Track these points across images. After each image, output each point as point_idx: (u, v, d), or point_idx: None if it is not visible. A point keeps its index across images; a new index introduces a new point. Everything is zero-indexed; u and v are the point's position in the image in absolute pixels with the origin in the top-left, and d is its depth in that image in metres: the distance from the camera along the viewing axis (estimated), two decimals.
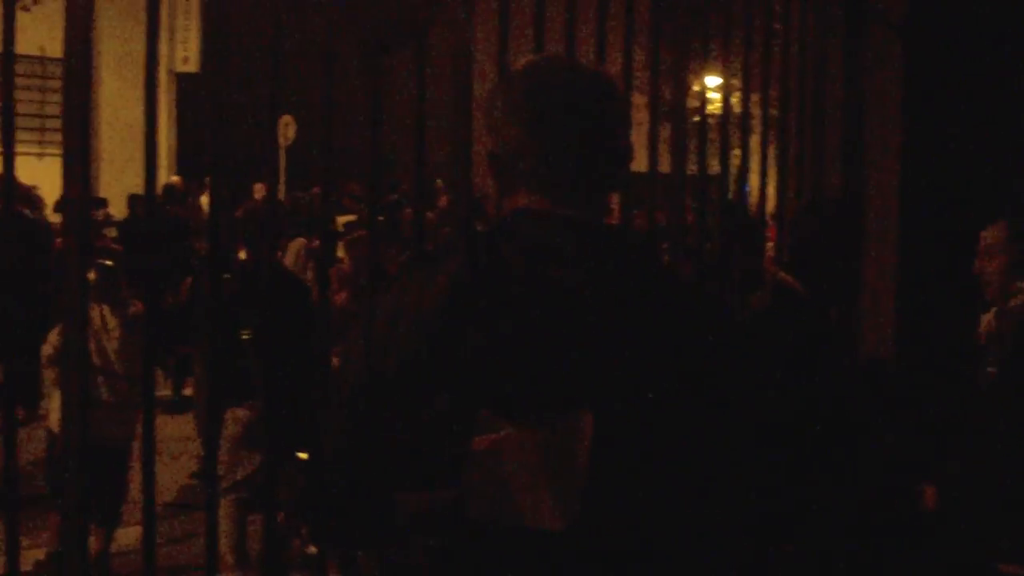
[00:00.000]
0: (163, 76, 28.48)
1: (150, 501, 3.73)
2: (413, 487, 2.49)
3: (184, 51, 27.72)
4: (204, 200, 19.37)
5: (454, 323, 2.45)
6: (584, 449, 2.36)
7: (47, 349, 9.16)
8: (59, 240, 14.44)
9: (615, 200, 3.58)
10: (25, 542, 3.64)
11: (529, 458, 2.36)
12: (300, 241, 14.63)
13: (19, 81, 24.24)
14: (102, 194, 19.42)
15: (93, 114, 18.82)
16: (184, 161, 25.22)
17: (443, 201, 18.15)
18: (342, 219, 15.77)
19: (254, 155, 9.08)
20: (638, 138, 2.70)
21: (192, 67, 27.66)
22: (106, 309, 9.26)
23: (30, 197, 17.02)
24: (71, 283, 3.36)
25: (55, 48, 3.14)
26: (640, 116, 4.29)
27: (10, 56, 3.22)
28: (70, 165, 3.30)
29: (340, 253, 12.87)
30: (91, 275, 8.50)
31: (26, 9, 17.98)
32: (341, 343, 5.66)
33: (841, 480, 5.50)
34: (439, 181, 21.94)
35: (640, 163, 2.86)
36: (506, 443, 2.37)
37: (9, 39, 3.20)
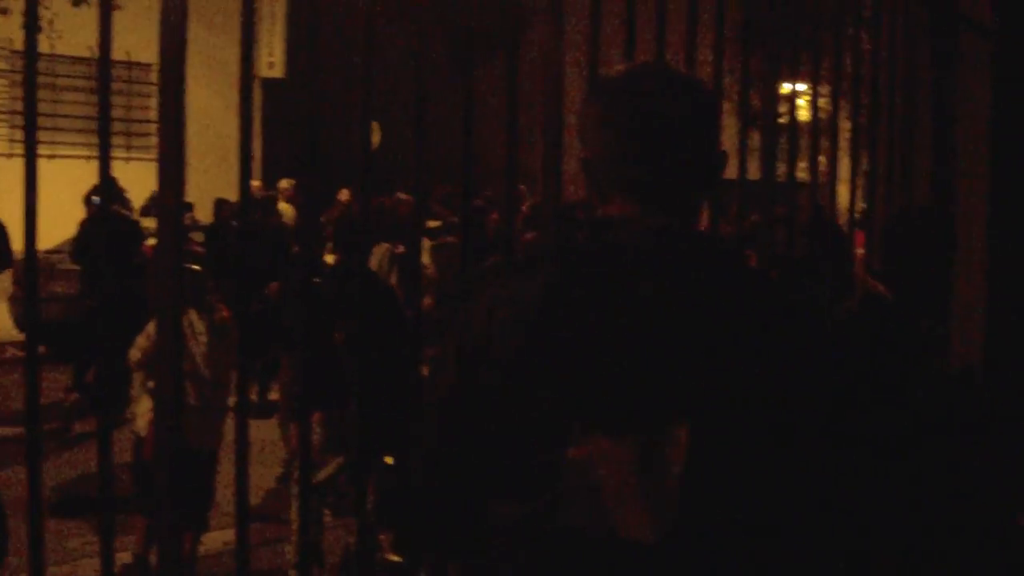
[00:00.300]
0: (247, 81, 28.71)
1: (243, 505, 3.74)
2: (504, 495, 2.50)
3: (269, 57, 27.91)
4: (283, 206, 19.49)
5: (546, 332, 2.46)
6: (678, 460, 2.36)
7: (134, 353, 9.25)
8: (148, 243, 14.59)
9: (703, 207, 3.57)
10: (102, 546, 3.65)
11: (623, 469, 2.36)
12: (384, 246, 14.67)
13: (69, 83, 24.57)
14: (188, 199, 19.60)
15: None
16: (269, 167, 25.42)
17: (525, 206, 18.15)
18: (427, 224, 15.80)
19: (339, 161, 9.14)
20: (727, 144, 2.68)
21: (278, 73, 27.87)
22: (193, 314, 9.34)
23: (124, 199, 17.21)
24: (164, 289, 3.37)
25: (139, 53, 3.15)
26: (728, 122, 4.27)
27: (106, 62, 3.24)
28: (165, 171, 3.31)
29: (424, 259, 12.91)
30: None
31: (118, 7, 18.19)
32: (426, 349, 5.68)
33: (933, 488, 5.45)
34: (521, 187, 21.99)
35: (729, 170, 2.84)
36: (600, 453, 2.37)
37: (106, 46, 3.22)
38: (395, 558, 8.90)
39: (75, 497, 10.63)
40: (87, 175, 16.41)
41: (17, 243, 17.15)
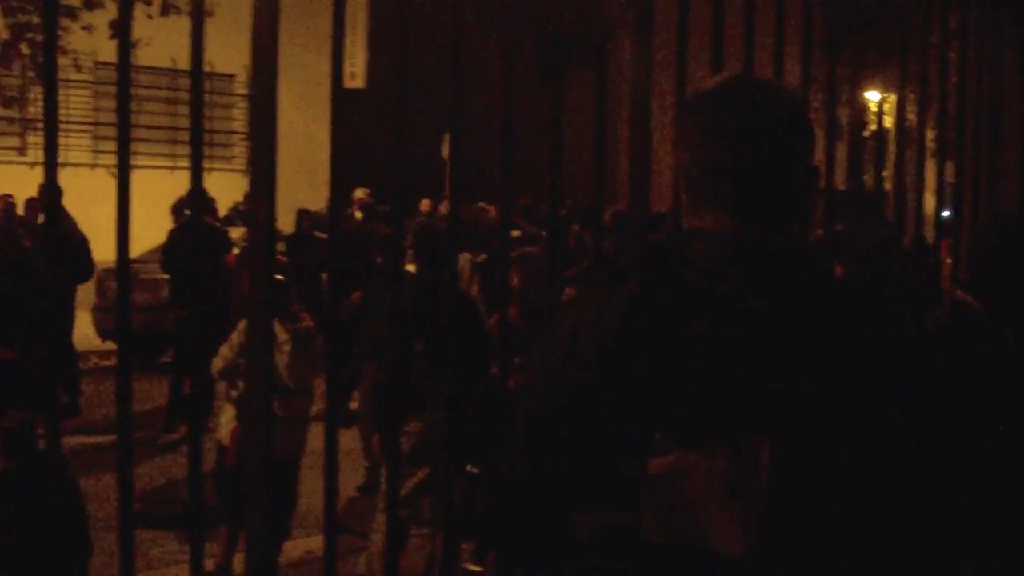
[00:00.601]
0: (330, 92, 28.86)
1: (332, 513, 3.76)
2: (590, 507, 2.50)
3: (351, 67, 28.03)
4: (358, 215, 19.56)
5: (630, 343, 2.46)
6: (763, 473, 2.35)
7: (218, 363, 9.31)
8: (232, 254, 14.68)
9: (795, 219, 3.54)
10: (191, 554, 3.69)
11: (709, 482, 2.36)
12: (465, 256, 14.69)
13: (151, 93, 24.84)
14: None
15: None
16: (347, 176, 25.54)
17: (606, 216, 18.15)
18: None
19: (419, 170, 9.19)
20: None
21: (359, 83, 27.98)
22: (276, 323, 9.38)
23: (213, 209, 17.33)
24: (256, 300, 3.39)
25: (222, 63, 3.18)
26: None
27: (199, 77, 3.27)
28: (257, 184, 3.33)
29: None
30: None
31: (209, 13, 18.33)
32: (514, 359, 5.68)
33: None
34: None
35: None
36: (685, 466, 2.36)
37: (198, 60, 3.24)
38: (476, 568, 8.91)
39: (156, 506, 10.70)
40: (168, 185, 16.61)
41: (101, 253, 17.36)
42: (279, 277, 9.62)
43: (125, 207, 3.21)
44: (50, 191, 3.21)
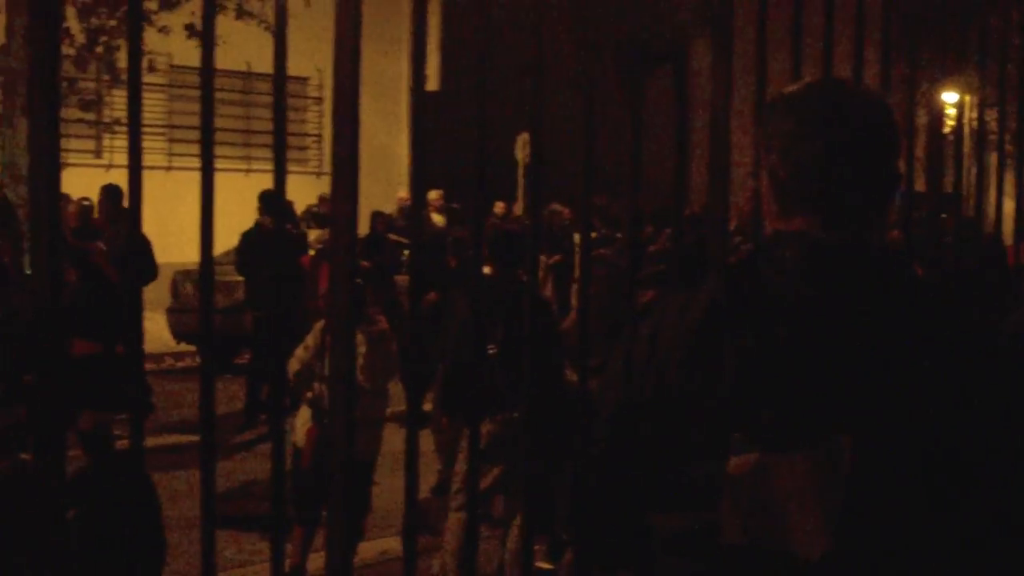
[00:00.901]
0: (405, 94, 28.98)
1: (411, 513, 3.77)
2: (669, 509, 2.50)
3: (424, 69, 28.08)
4: (436, 217, 19.60)
5: (712, 345, 2.47)
6: (843, 476, 2.35)
7: (294, 364, 9.34)
8: (307, 257, 14.75)
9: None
10: (266, 555, 3.71)
11: (791, 483, 2.35)
12: (539, 257, 14.71)
13: (224, 96, 24.94)
14: None
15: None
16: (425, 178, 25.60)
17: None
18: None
19: (493, 172, 9.18)
20: None
21: (432, 85, 28.06)
22: None
23: (292, 212, 17.41)
24: (338, 303, 3.40)
25: (295, 66, 3.20)
26: None
27: (282, 88, 3.28)
28: (338, 186, 3.34)
29: (577, 271, 12.85)
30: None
31: (250, 15, 18.45)
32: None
33: None
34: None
35: None
36: (767, 467, 2.36)
37: (281, 70, 3.26)
38: (547, 566, 8.93)
39: (229, 506, 10.74)
40: (241, 187, 16.71)
41: (175, 255, 17.49)
42: (356, 280, 9.65)
43: (209, 210, 3.23)
44: (133, 194, 3.23)
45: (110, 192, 15.10)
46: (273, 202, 3.37)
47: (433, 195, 21.09)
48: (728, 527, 2.40)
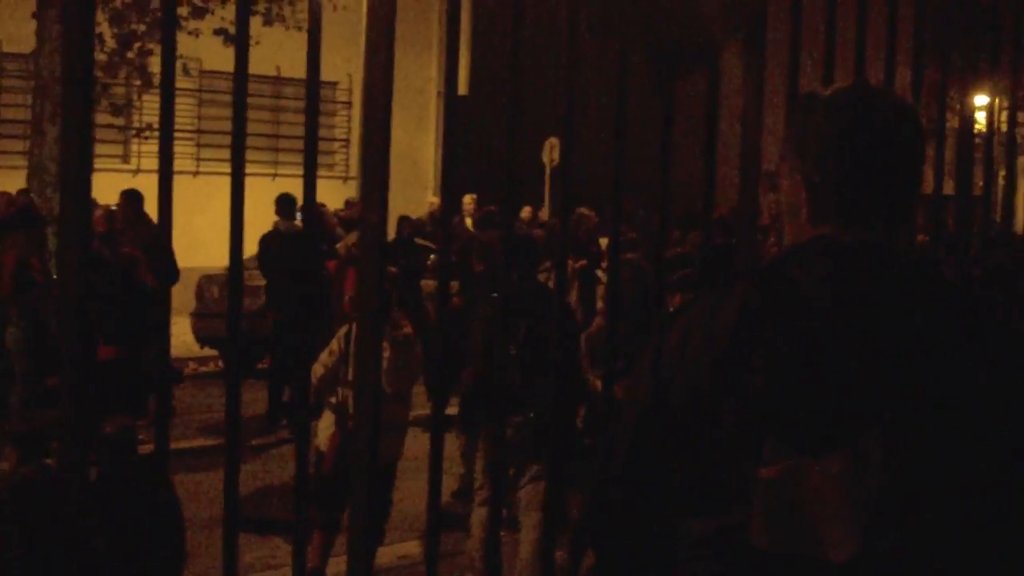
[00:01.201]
0: (432, 99, 29.00)
1: (434, 517, 3.76)
2: (698, 512, 2.50)
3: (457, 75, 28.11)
4: (469, 222, 19.60)
5: (742, 348, 2.48)
6: (874, 477, 2.35)
7: (318, 369, 9.34)
8: (332, 262, 14.74)
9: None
10: (286, 559, 3.69)
11: (824, 487, 2.36)
12: None
13: (253, 100, 24.97)
14: None
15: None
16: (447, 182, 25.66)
17: None
18: (606, 241, 15.78)
19: (521, 177, 9.16)
20: None
21: (461, 89, 28.10)
22: None
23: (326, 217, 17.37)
24: (367, 307, 3.40)
25: (323, 71, 3.20)
26: None
27: (315, 95, 3.28)
28: (368, 192, 3.34)
29: (600, 275, 12.86)
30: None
31: (298, 28, 18.45)
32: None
33: None
34: None
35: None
36: (799, 471, 2.37)
37: (314, 70, 3.25)
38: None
39: (250, 511, 10.74)
40: (269, 192, 16.71)
41: (200, 260, 17.52)
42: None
43: (239, 215, 3.23)
44: (163, 198, 3.23)
45: (130, 197, 15.16)
46: (303, 207, 3.37)
47: (466, 199, 21.10)
48: (757, 530, 2.41)
